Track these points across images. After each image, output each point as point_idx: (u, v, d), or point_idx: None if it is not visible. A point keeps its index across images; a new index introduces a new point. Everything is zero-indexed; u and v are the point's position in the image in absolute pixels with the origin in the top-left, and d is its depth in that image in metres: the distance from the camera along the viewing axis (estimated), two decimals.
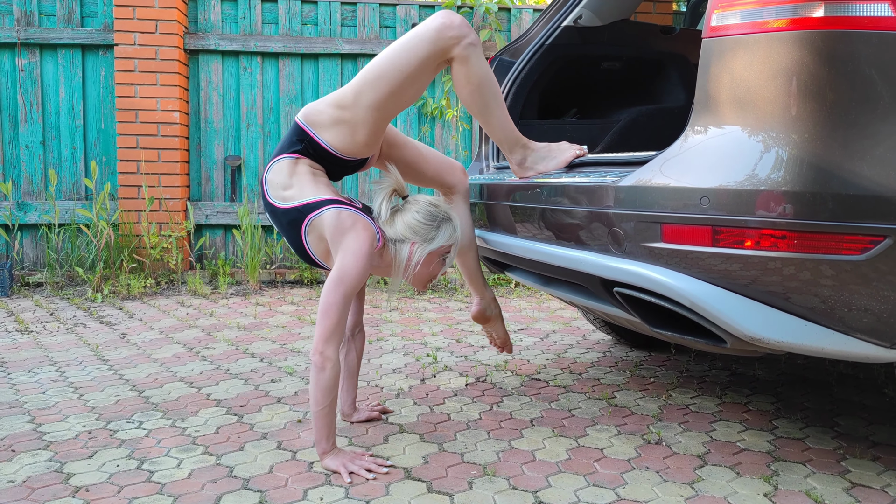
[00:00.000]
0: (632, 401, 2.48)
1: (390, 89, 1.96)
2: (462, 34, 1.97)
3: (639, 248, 1.65)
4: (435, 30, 1.95)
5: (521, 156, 2.19)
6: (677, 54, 3.08)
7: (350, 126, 1.99)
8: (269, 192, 2.02)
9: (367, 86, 1.96)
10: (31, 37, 4.97)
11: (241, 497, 1.72)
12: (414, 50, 1.96)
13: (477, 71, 2.01)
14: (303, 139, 2.02)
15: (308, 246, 1.99)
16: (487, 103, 2.07)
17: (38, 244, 5.11)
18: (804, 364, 3.00)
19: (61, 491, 1.75)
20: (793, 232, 1.46)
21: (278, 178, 2.01)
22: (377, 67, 1.97)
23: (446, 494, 1.74)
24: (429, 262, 2.01)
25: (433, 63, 1.99)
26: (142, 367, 2.89)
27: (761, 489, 1.77)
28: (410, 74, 1.96)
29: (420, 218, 1.97)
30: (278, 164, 2.03)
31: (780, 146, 1.47)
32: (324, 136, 2.01)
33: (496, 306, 2.51)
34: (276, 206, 2.01)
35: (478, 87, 2.03)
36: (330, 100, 2.03)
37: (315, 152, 2.03)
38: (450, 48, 1.97)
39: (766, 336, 1.52)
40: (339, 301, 1.84)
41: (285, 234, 2.04)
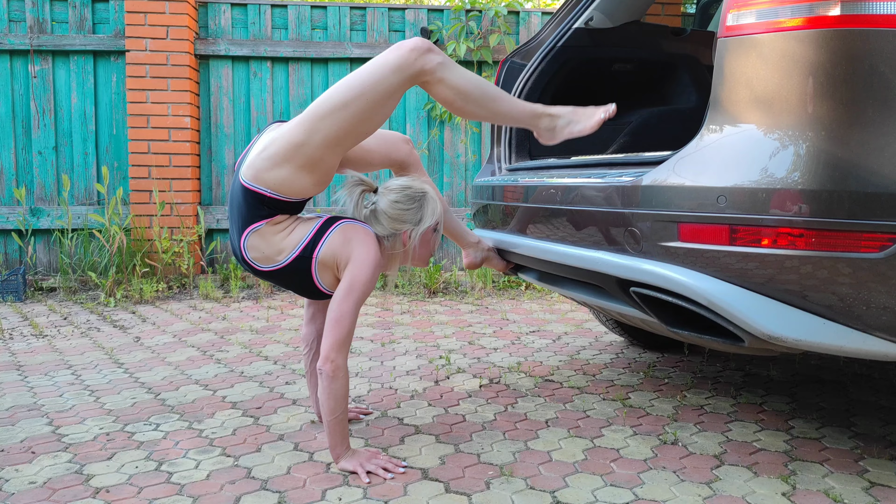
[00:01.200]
0: (646, 402, 2.48)
1: (354, 119, 1.81)
2: (429, 57, 1.84)
3: (655, 248, 1.65)
4: (401, 56, 1.83)
5: (548, 123, 2.07)
6: (688, 56, 3.09)
7: (307, 169, 1.86)
8: (262, 265, 1.96)
9: (324, 121, 1.81)
10: (43, 43, 5.01)
11: (260, 498, 1.73)
12: (382, 78, 1.82)
13: (456, 84, 1.90)
14: (263, 202, 1.89)
15: (321, 283, 1.97)
16: (484, 104, 1.96)
17: (51, 249, 5.14)
18: (818, 364, 2.99)
19: (82, 492, 1.76)
20: (810, 230, 1.46)
21: (262, 252, 1.94)
22: (337, 98, 1.81)
23: (464, 494, 1.74)
24: (425, 240, 2.04)
25: (401, 90, 1.85)
26: (157, 371, 2.90)
27: (779, 489, 1.77)
28: (378, 101, 1.82)
29: (401, 205, 1.98)
30: (254, 238, 1.93)
31: (797, 145, 1.47)
32: (283, 191, 1.88)
33: (483, 248, 2.47)
34: (276, 268, 1.95)
35: (466, 97, 1.92)
36: (274, 152, 1.86)
37: (280, 207, 1.93)
38: (420, 72, 1.84)
39: (785, 334, 1.52)
40: (352, 310, 1.85)
41: (291, 284, 2.00)
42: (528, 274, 2.56)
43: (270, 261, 1.94)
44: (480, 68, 5.34)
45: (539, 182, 2.16)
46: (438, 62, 1.86)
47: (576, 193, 1.93)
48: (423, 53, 1.84)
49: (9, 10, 5.03)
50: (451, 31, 5.19)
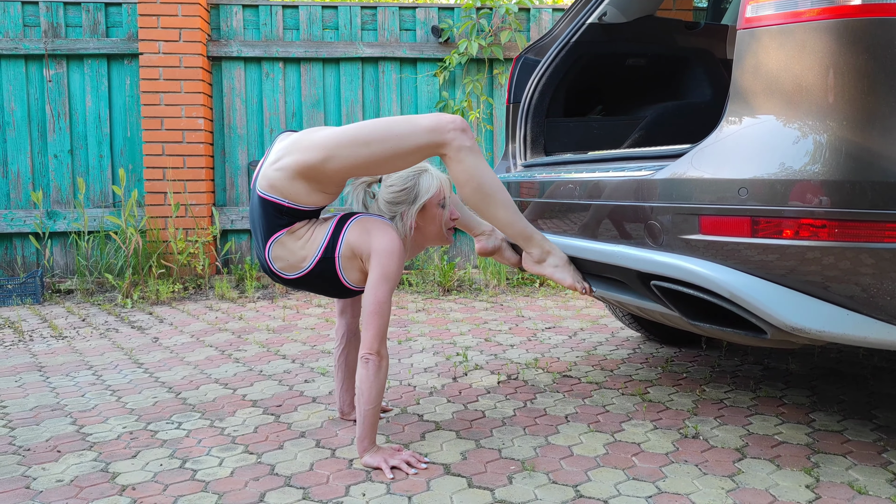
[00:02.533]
0: (665, 396, 2.47)
1: (369, 160, 1.84)
2: (461, 135, 1.85)
3: (676, 241, 1.65)
4: (438, 123, 1.85)
5: (539, 254, 2.07)
6: (702, 50, 3.08)
7: (318, 186, 1.91)
8: (288, 273, 1.98)
9: (341, 150, 1.84)
10: (58, 48, 5.05)
11: (284, 494, 1.74)
12: (410, 133, 1.84)
13: (474, 171, 1.88)
14: (281, 211, 1.93)
15: (347, 282, 1.98)
16: (490, 202, 1.92)
17: (67, 252, 5.19)
18: (837, 357, 2.98)
19: (108, 490, 1.78)
20: (833, 221, 1.46)
21: (287, 261, 1.96)
22: (362, 134, 1.84)
23: (487, 489, 1.75)
24: (429, 217, 2.04)
25: (423, 151, 1.86)
26: (176, 370, 2.92)
27: (803, 481, 1.77)
28: (397, 153, 1.84)
29: (395, 188, 2.00)
30: (277, 248, 1.96)
31: (818, 135, 1.47)
32: (299, 200, 1.92)
33: (496, 236, 2.41)
34: (303, 274, 1.97)
35: (478, 187, 1.89)
36: (286, 164, 1.89)
37: (298, 215, 1.97)
38: (447, 144, 1.84)
39: (808, 326, 1.52)
40: (387, 298, 1.88)
41: (319, 287, 2.01)
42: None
43: (296, 268, 1.97)
44: (492, 66, 5.34)
45: (556, 177, 2.16)
46: (468, 145, 1.86)
47: (594, 188, 1.93)
48: (457, 129, 1.85)
49: (23, 15, 5.08)
50: (462, 28, 5.19)
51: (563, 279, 2.07)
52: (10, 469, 1.93)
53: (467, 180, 1.89)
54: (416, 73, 5.32)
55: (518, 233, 2.01)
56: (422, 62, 5.32)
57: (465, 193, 1.92)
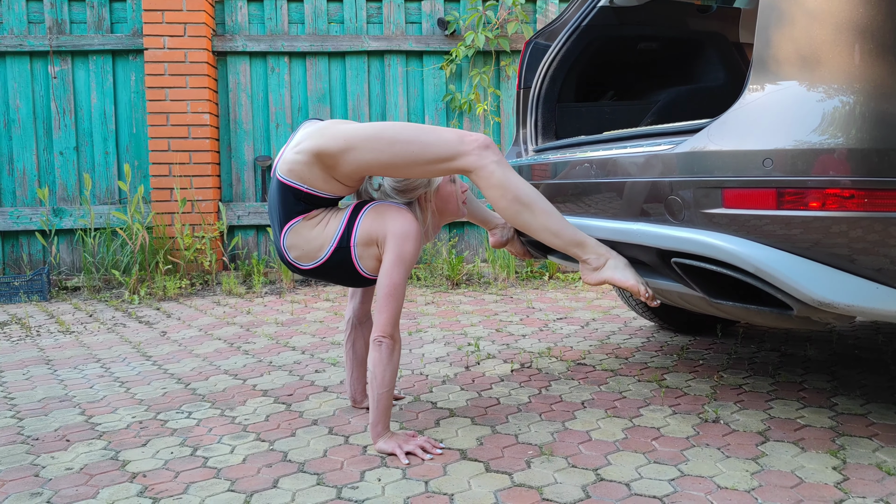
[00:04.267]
0: (683, 382, 2.43)
1: (390, 159, 1.82)
2: (483, 150, 1.82)
3: (698, 216, 1.61)
4: (464, 138, 1.83)
5: (596, 259, 1.92)
6: (715, 33, 3.03)
7: (336, 175, 1.88)
8: (304, 263, 1.94)
9: (365, 142, 1.81)
10: (62, 44, 5.03)
11: (298, 480, 1.70)
12: (436, 142, 1.82)
13: (505, 181, 1.83)
14: (299, 197, 1.91)
15: (363, 270, 1.93)
16: (531, 210, 1.85)
17: (74, 249, 5.16)
18: (855, 344, 2.93)
19: (119, 477, 1.75)
20: (861, 190, 1.42)
21: (302, 249, 1.92)
22: (389, 133, 1.82)
23: (505, 473, 1.71)
24: (447, 195, 2.02)
25: (444, 161, 1.82)
26: (185, 362, 2.89)
27: (829, 463, 1.72)
28: (419, 159, 1.82)
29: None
30: (292, 235, 1.92)
31: (846, 103, 1.43)
32: (318, 186, 1.89)
33: (509, 230, 2.39)
34: (318, 264, 1.93)
35: (517, 197, 1.84)
36: (307, 148, 1.86)
37: (316, 202, 1.94)
38: (469, 158, 1.81)
39: (836, 300, 1.48)
40: (402, 281, 1.84)
41: (337, 277, 1.96)
42: (557, 255, 2.52)
43: (312, 258, 1.93)
44: (499, 58, 5.30)
45: (571, 157, 2.12)
46: (494, 159, 1.83)
47: (611, 165, 1.89)
48: (482, 145, 1.83)
49: (28, 12, 5.06)
50: (469, 21, 5.15)
51: (626, 279, 1.89)
52: (18, 458, 1.89)
53: (502, 194, 1.84)
54: (423, 67, 5.28)
55: (568, 240, 1.89)
56: (428, 55, 5.28)
57: (501, 207, 1.86)
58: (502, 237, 2.41)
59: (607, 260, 1.92)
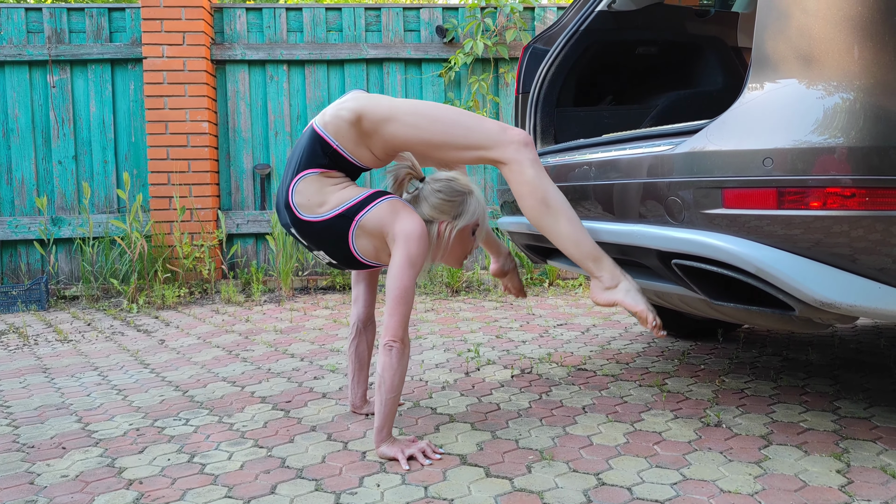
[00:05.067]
0: (684, 387, 2.41)
1: (428, 137, 1.86)
2: (522, 146, 1.85)
3: (697, 217, 1.60)
4: (505, 131, 1.86)
5: (610, 279, 1.89)
6: (713, 37, 3.03)
7: (373, 143, 1.92)
8: (302, 213, 1.92)
9: (407, 116, 1.86)
10: (61, 53, 5.03)
11: (296, 485, 1.69)
12: (474, 128, 1.85)
13: (538, 182, 1.85)
14: (326, 152, 1.92)
15: (355, 247, 1.93)
16: (556, 215, 1.85)
17: (72, 258, 5.15)
18: (857, 348, 2.91)
19: (115, 484, 1.73)
20: (862, 189, 1.40)
21: (307, 198, 1.91)
22: (432, 112, 1.87)
23: (506, 478, 1.69)
24: (461, 239, 2.00)
25: (480, 152, 1.86)
26: (183, 370, 2.87)
27: (833, 466, 1.70)
28: (454, 142, 1.86)
29: (443, 196, 1.94)
30: (304, 183, 1.92)
31: (846, 100, 1.42)
32: (348, 148, 1.91)
33: (511, 260, 2.40)
34: (315, 220, 1.91)
35: (544, 199, 1.85)
36: (352, 107, 1.89)
37: (339, 163, 1.94)
38: (508, 150, 1.85)
39: (838, 300, 1.46)
40: (412, 284, 1.83)
41: (325, 244, 1.94)
42: (559, 260, 2.51)
43: (311, 211, 1.91)
44: (497, 65, 5.31)
45: (570, 160, 2.11)
46: (531, 157, 1.86)
47: (610, 167, 1.88)
48: (522, 141, 1.87)
49: (27, 22, 5.06)
50: (467, 28, 5.16)
51: (636, 304, 1.85)
52: (14, 466, 1.87)
53: (531, 192, 1.85)
54: (421, 74, 5.29)
55: (586, 253, 1.87)
56: (427, 63, 5.29)
57: (527, 206, 1.87)
58: (504, 267, 2.40)
59: (620, 282, 1.89)
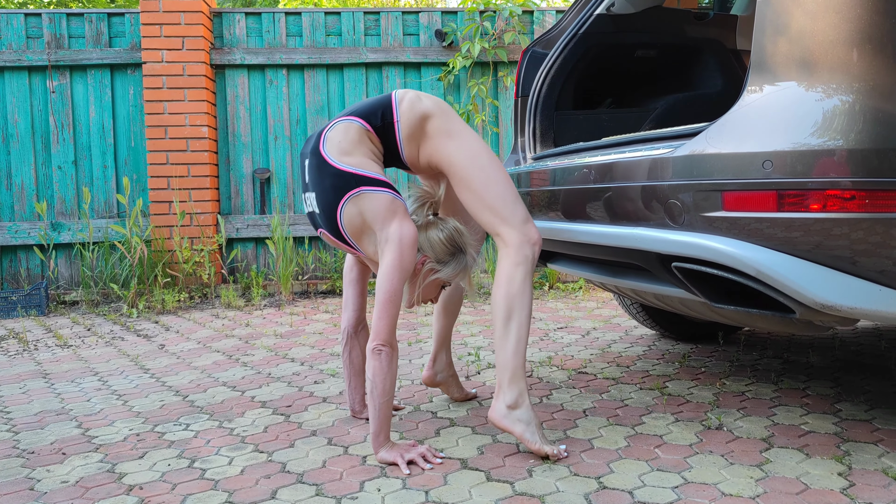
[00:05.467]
0: (685, 390, 2.41)
1: (466, 178, 1.90)
2: (533, 246, 1.88)
3: (697, 219, 1.60)
4: (527, 217, 1.91)
5: (516, 399, 1.85)
6: (712, 40, 3.03)
7: (420, 144, 1.97)
8: (326, 147, 1.91)
9: (469, 147, 1.93)
10: (61, 59, 5.04)
11: (297, 490, 1.68)
12: (505, 198, 1.89)
13: (522, 282, 1.86)
14: (386, 119, 1.95)
15: (341, 214, 1.89)
16: (513, 316, 1.86)
17: (72, 263, 5.15)
18: (858, 350, 2.91)
19: (115, 489, 1.73)
20: (862, 191, 1.40)
21: (341, 137, 1.92)
22: (486, 158, 1.92)
23: (507, 482, 1.69)
24: (433, 284, 2.00)
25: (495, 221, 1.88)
26: (183, 375, 2.87)
27: (834, 469, 1.70)
28: (482, 199, 1.89)
29: (443, 238, 1.95)
30: (346, 124, 1.94)
31: (846, 103, 1.42)
32: (404, 132, 1.95)
33: (449, 369, 2.34)
34: (332, 162, 1.89)
35: (512, 296, 1.86)
36: (429, 104, 1.96)
37: (386, 136, 1.97)
38: (517, 237, 1.87)
39: (839, 302, 1.46)
40: (401, 288, 1.83)
41: (321, 189, 1.91)
42: (558, 263, 2.51)
43: (335, 153, 1.90)
44: (496, 68, 5.31)
45: (569, 164, 2.11)
46: (531, 257, 1.88)
47: (610, 170, 1.88)
48: (536, 241, 1.90)
49: (26, 27, 5.07)
50: (466, 31, 5.17)
51: (532, 440, 1.82)
52: (13, 471, 1.87)
53: (507, 284, 1.86)
54: (421, 78, 5.29)
55: (516, 366, 1.85)
56: (426, 66, 5.29)
57: (496, 293, 1.88)
58: (437, 377, 2.33)
59: (520, 407, 1.84)
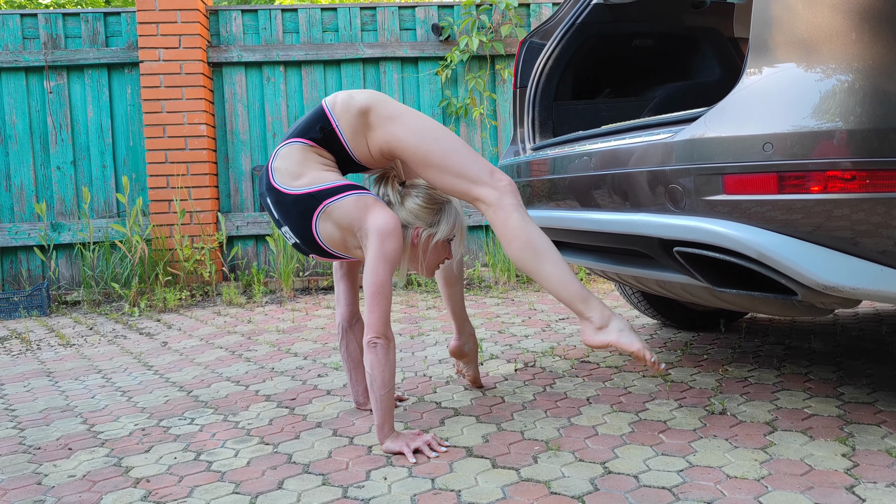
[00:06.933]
0: (688, 377, 2.42)
1: (427, 154, 1.86)
2: (509, 192, 1.85)
3: (699, 203, 1.60)
4: (492, 169, 1.87)
5: (600, 318, 1.86)
6: (709, 28, 3.03)
7: (369, 138, 1.92)
8: (276, 179, 1.91)
9: (415, 126, 1.89)
10: (58, 59, 5.03)
11: (303, 481, 1.69)
12: (471, 162, 1.86)
13: (524, 226, 1.84)
14: (324, 127, 1.92)
15: (318, 233, 1.90)
16: (542, 258, 1.84)
17: (73, 263, 5.15)
18: (860, 335, 2.92)
19: (122, 482, 1.73)
20: (863, 171, 1.41)
21: (287, 164, 1.90)
22: (438, 131, 1.89)
23: (512, 469, 1.69)
24: (435, 249, 1.99)
25: (466, 185, 1.86)
26: (187, 371, 2.87)
27: (838, 450, 1.71)
28: (437, 162, 1.86)
29: (421, 202, 1.95)
30: (289, 148, 1.92)
31: (845, 83, 1.42)
32: (347, 135, 1.91)
33: (474, 343, 2.33)
34: (286, 191, 1.89)
35: (527, 241, 1.84)
36: (367, 99, 1.91)
37: (331, 144, 1.94)
38: (494, 191, 1.85)
39: (841, 283, 1.47)
40: (388, 279, 1.82)
41: (289, 220, 1.92)
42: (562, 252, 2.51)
43: (285, 181, 1.89)
44: (493, 62, 5.31)
45: (569, 151, 2.11)
46: (515, 202, 1.86)
47: (610, 157, 1.88)
48: (510, 186, 1.88)
49: (23, 28, 5.06)
50: (463, 25, 5.16)
51: (631, 343, 1.82)
52: (21, 467, 1.88)
53: (515, 236, 1.84)
54: (418, 73, 5.29)
55: (574, 294, 1.85)
56: (423, 61, 5.29)
57: (512, 250, 1.86)
58: (464, 348, 2.32)
59: (611, 321, 1.86)
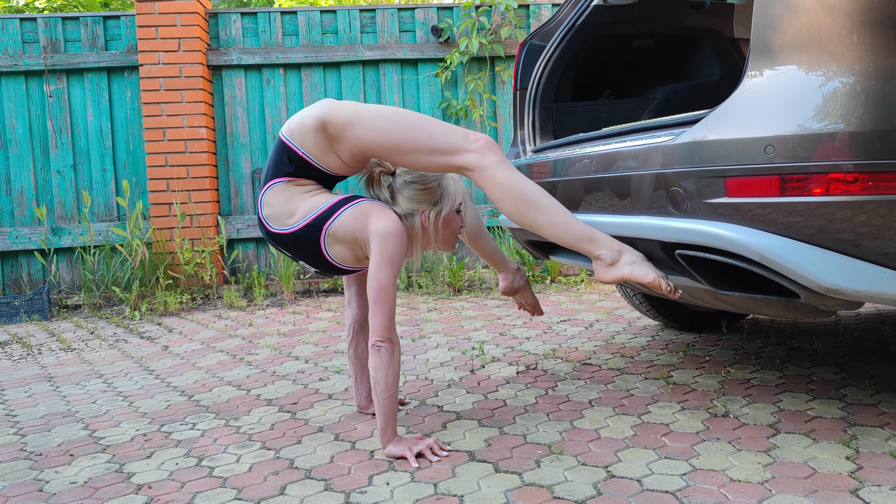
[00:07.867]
0: (690, 378, 2.41)
1: (394, 142, 1.83)
2: (486, 149, 1.82)
3: (700, 206, 1.60)
4: (470, 136, 1.84)
5: (610, 254, 1.82)
6: (709, 28, 3.03)
7: (339, 148, 1.89)
8: (272, 225, 1.93)
9: (373, 121, 1.84)
10: (57, 63, 5.03)
11: (305, 486, 1.68)
12: (440, 134, 1.83)
13: (511, 180, 1.81)
14: (292, 159, 1.91)
15: (331, 257, 1.92)
16: (537, 208, 1.81)
17: (73, 267, 5.15)
18: (862, 336, 2.91)
19: (124, 489, 1.73)
20: (865, 174, 1.40)
21: (276, 209, 1.91)
22: (398, 117, 1.85)
23: (515, 473, 1.69)
24: (447, 222, 1.98)
25: (445, 159, 1.83)
26: (188, 375, 2.87)
27: (842, 453, 1.70)
28: (420, 146, 1.82)
29: (417, 186, 1.94)
30: (271, 193, 1.92)
31: (847, 85, 1.41)
32: (316, 156, 1.90)
33: (521, 276, 2.35)
34: (286, 232, 1.91)
35: (518, 194, 1.81)
36: (316, 113, 1.87)
37: (306, 171, 1.93)
38: (472, 154, 1.81)
39: (844, 286, 1.46)
40: (392, 282, 1.81)
41: (302, 254, 1.94)
42: (562, 255, 2.51)
43: (281, 223, 1.91)
44: (493, 63, 5.31)
45: (570, 154, 2.11)
46: (497, 157, 1.82)
47: (612, 159, 1.88)
48: (486, 143, 1.84)
49: (22, 32, 5.06)
50: (462, 27, 5.16)
51: (645, 275, 1.79)
52: (22, 473, 1.87)
53: (505, 192, 1.81)
54: (418, 74, 5.29)
55: (578, 236, 1.81)
56: (423, 63, 5.29)
57: (506, 207, 1.83)
58: (514, 283, 2.33)
59: (622, 254, 1.83)
